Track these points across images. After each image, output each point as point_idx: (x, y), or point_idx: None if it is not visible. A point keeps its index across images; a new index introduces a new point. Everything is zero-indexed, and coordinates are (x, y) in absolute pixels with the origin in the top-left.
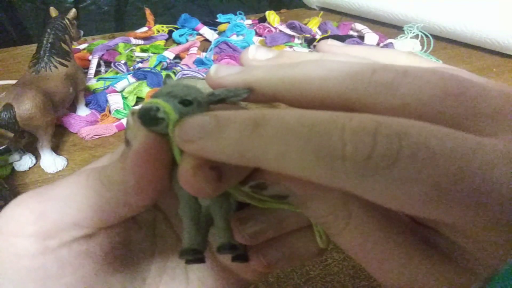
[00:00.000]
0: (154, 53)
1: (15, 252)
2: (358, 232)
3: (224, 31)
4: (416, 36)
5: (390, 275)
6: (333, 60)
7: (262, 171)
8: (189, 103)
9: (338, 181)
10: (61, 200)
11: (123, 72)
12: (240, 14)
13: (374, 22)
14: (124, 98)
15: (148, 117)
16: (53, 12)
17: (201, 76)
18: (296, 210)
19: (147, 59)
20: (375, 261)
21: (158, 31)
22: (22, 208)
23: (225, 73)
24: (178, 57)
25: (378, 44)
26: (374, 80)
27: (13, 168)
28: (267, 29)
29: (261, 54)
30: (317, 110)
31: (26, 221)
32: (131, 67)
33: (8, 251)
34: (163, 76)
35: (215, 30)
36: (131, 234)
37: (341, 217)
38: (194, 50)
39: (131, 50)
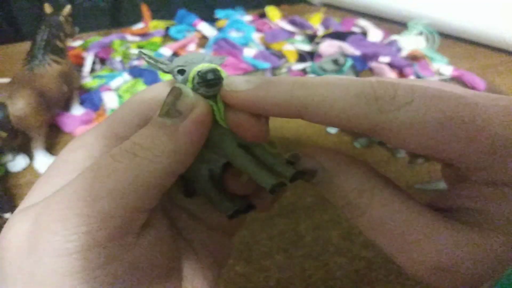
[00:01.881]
0: (151, 50)
1: (110, 255)
2: (383, 206)
3: (223, 27)
4: (421, 33)
5: (417, 250)
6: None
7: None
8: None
9: (373, 116)
10: (111, 192)
11: (119, 69)
12: (239, 9)
13: (378, 19)
14: (119, 96)
15: (215, 77)
16: (47, 8)
17: None
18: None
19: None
20: (400, 236)
21: (155, 28)
22: (75, 219)
23: (240, 88)
24: (175, 54)
25: (381, 41)
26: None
27: (6, 169)
28: (268, 26)
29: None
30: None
31: (90, 228)
32: (127, 64)
33: (99, 258)
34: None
35: (214, 26)
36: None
37: (365, 191)
38: (192, 46)
39: (127, 47)
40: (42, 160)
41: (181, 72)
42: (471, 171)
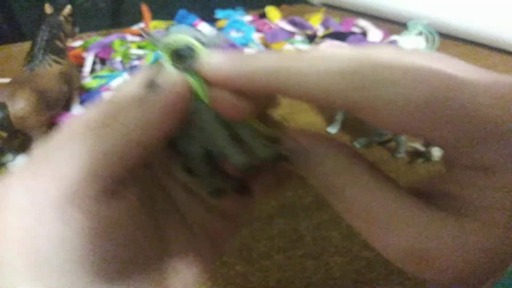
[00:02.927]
0: (151, 50)
1: (63, 216)
2: (362, 189)
3: (223, 28)
4: (421, 33)
5: (393, 235)
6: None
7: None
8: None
9: (354, 93)
10: (72, 154)
11: (119, 69)
12: (239, 10)
13: (378, 19)
14: None
15: (182, 48)
16: (48, 9)
17: None
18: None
19: (143, 56)
20: (378, 221)
21: (155, 28)
22: (32, 177)
23: (218, 60)
24: None
25: (381, 41)
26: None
27: (6, 169)
28: (268, 26)
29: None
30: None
31: (44, 187)
32: (127, 65)
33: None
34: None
35: (214, 26)
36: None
37: (345, 173)
38: None
39: (127, 47)
40: None
41: None
42: (458, 154)
